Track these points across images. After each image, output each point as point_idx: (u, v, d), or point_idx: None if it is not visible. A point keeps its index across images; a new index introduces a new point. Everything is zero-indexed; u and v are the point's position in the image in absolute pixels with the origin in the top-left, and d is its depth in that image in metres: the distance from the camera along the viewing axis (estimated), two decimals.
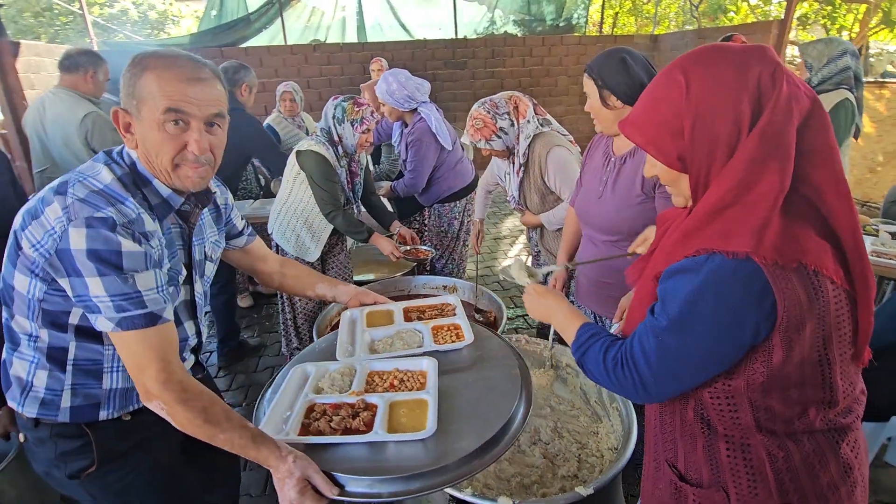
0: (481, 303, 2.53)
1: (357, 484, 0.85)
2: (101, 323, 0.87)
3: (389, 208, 3.13)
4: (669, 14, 11.31)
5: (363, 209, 2.54)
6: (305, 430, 0.95)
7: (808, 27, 8.44)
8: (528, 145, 1.93)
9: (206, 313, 1.23)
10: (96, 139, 2.43)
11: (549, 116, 1.99)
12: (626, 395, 0.83)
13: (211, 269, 1.19)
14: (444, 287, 2.70)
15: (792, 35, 8.52)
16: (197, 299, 1.13)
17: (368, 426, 0.94)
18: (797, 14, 7.53)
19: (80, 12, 5.75)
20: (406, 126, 2.68)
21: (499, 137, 1.93)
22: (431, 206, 2.81)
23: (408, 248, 2.45)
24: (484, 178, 2.55)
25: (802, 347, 0.70)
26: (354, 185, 2.29)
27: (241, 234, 1.32)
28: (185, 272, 1.08)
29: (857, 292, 0.72)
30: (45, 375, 0.96)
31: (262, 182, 3.45)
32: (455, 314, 1.35)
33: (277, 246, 2.34)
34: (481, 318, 2.32)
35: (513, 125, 1.93)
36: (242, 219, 1.33)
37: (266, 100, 5.91)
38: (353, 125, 2.11)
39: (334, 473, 0.86)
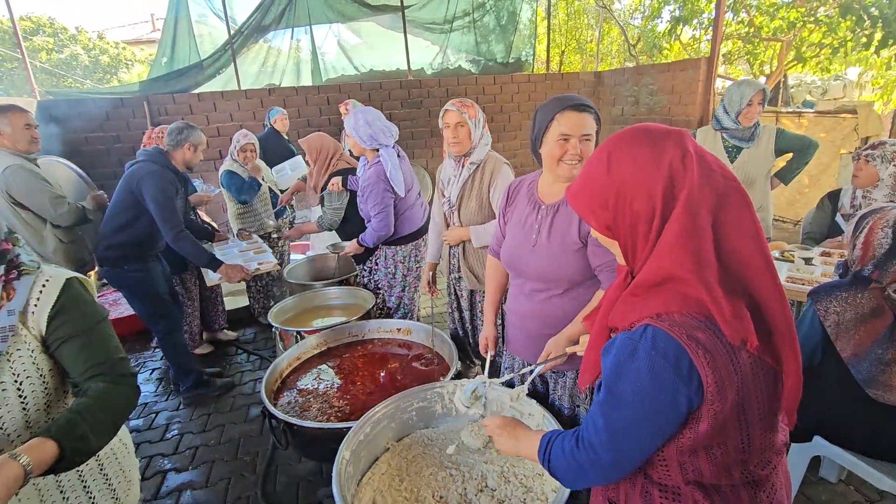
0: (435, 345, 2.54)
1: None
2: None
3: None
4: (611, 52, 12.08)
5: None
6: None
7: (733, 62, 9.22)
8: (486, 154, 2.16)
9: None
10: (15, 191, 2.45)
11: None
12: (591, 478, 0.85)
13: None
14: (399, 330, 2.70)
15: (721, 69, 9.26)
16: None
17: None
18: (723, 51, 8.21)
19: (25, 58, 5.62)
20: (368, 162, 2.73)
21: (474, 126, 2.11)
22: (381, 248, 2.84)
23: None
24: (433, 219, 2.60)
25: (725, 414, 0.75)
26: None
27: None
28: None
29: (782, 361, 0.77)
30: None
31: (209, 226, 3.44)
32: None
33: None
34: (424, 364, 2.35)
35: (480, 130, 2.15)
36: None
37: (222, 144, 5.89)
38: None
39: None
